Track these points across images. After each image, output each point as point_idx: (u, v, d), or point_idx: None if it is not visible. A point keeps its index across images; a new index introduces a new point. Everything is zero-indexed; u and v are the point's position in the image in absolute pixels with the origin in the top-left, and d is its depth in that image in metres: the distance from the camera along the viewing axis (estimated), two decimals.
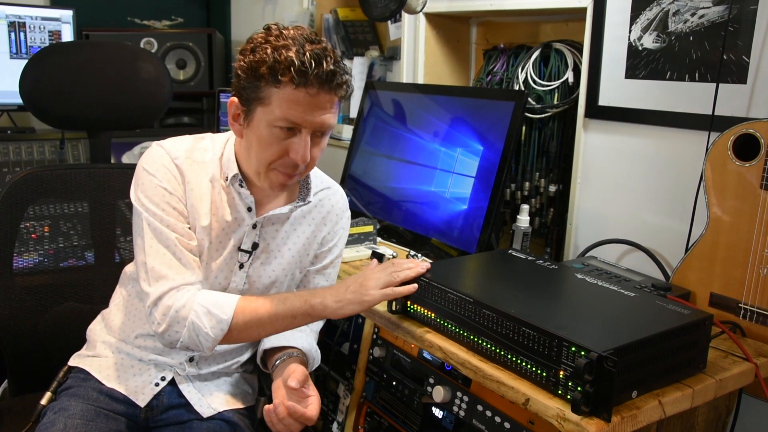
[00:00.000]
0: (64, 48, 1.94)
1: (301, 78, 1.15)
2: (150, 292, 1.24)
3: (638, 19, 1.60)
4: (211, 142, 1.36)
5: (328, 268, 1.47)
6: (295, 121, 1.18)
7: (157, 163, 1.29)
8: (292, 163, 1.23)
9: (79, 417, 1.28)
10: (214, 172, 1.32)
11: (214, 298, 1.25)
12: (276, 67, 1.15)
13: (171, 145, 1.32)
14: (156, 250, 1.26)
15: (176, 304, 1.23)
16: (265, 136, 1.21)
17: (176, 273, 1.26)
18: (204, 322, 1.22)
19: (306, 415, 1.21)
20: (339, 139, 2.54)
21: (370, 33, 2.63)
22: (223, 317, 1.23)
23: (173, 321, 1.22)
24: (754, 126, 1.33)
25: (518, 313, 1.14)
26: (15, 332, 1.56)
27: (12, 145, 2.40)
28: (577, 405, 1.02)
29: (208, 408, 1.37)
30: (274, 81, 1.16)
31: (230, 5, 3.39)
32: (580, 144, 1.76)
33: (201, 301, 1.24)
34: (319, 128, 1.21)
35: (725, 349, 1.29)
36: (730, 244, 1.37)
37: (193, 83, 2.91)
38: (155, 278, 1.25)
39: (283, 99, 1.17)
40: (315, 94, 1.17)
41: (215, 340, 1.23)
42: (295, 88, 1.16)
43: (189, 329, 1.22)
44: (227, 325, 1.23)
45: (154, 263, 1.26)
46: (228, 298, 1.26)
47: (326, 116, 1.21)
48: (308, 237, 1.41)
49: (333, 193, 1.45)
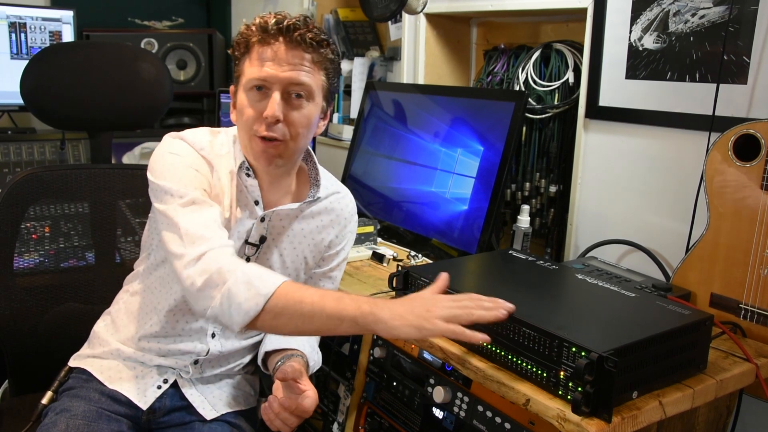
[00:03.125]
0: (65, 48, 1.94)
1: (262, 34, 1.21)
2: (186, 253, 1.14)
3: (639, 19, 1.60)
4: (226, 136, 1.36)
5: (334, 271, 1.47)
6: (261, 77, 1.21)
7: (184, 149, 1.28)
8: (267, 124, 1.23)
9: (81, 418, 1.28)
10: (231, 165, 1.32)
11: (260, 271, 1.14)
12: (245, 33, 1.23)
13: (192, 136, 1.30)
14: (191, 218, 1.18)
15: (218, 264, 1.12)
16: (244, 102, 1.25)
17: (215, 234, 1.17)
18: (241, 291, 1.10)
19: (300, 407, 1.20)
20: (339, 140, 2.54)
21: (371, 33, 2.63)
22: (263, 291, 1.10)
23: (210, 282, 1.12)
24: (754, 126, 1.33)
25: (518, 313, 1.14)
26: (15, 332, 1.56)
27: (12, 146, 2.40)
28: (577, 405, 1.02)
29: (210, 410, 1.37)
30: (246, 47, 1.23)
31: (230, 5, 3.39)
32: (581, 144, 1.76)
33: (245, 269, 1.13)
34: (288, 85, 1.22)
35: (726, 350, 1.29)
36: (731, 244, 1.37)
37: (193, 83, 2.91)
38: (192, 240, 1.15)
39: (251, 60, 1.23)
40: (280, 49, 1.21)
41: (247, 315, 1.10)
42: (261, 45, 1.21)
43: (224, 296, 1.11)
44: (264, 301, 1.10)
45: (188, 226, 1.17)
46: (275, 276, 1.14)
47: (294, 73, 1.21)
48: (315, 238, 1.41)
49: (342, 197, 1.46)
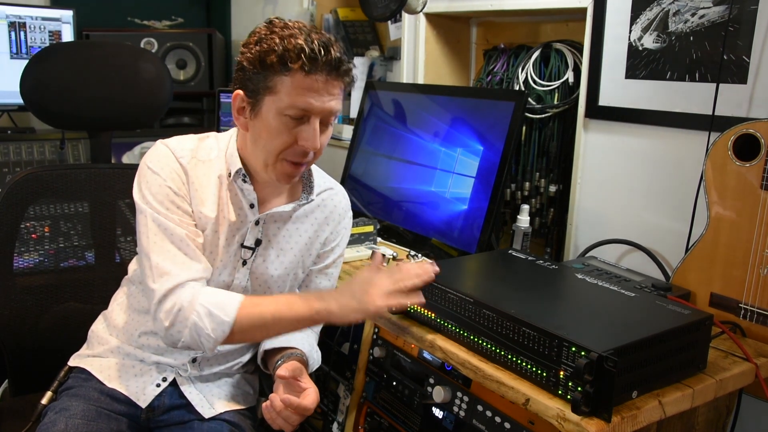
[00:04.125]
0: (65, 48, 1.94)
1: (311, 64, 1.17)
2: (155, 290, 1.23)
3: (638, 19, 1.60)
4: (216, 141, 1.36)
5: (330, 267, 1.47)
6: (305, 107, 1.19)
7: (161, 162, 1.29)
8: (302, 151, 1.23)
9: (80, 417, 1.28)
10: (221, 170, 1.32)
11: (217, 298, 1.23)
12: (286, 55, 1.17)
13: (176, 144, 1.32)
14: (161, 246, 1.25)
15: (179, 303, 1.21)
16: (275, 125, 1.21)
17: (180, 269, 1.24)
18: (206, 324, 1.20)
19: (302, 404, 1.20)
20: (339, 139, 2.54)
21: (371, 33, 2.63)
22: (225, 319, 1.21)
23: (176, 321, 1.21)
24: (754, 126, 1.33)
25: (518, 313, 1.14)
26: (15, 332, 1.56)
27: (12, 145, 2.40)
28: (577, 405, 1.02)
29: (209, 408, 1.37)
30: (284, 69, 1.18)
31: (230, 5, 3.39)
32: (581, 144, 1.76)
33: (203, 301, 1.22)
34: (327, 115, 1.23)
35: (725, 349, 1.29)
36: (731, 244, 1.37)
37: (193, 83, 2.91)
38: (159, 275, 1.24)
39: (293, 86, 1.18)
40: (324, 80, 1.19)
41: (217, 341, 1.22)
42: (306, 75, 1.17)
43: (191, 330, 1.21)
44: (229, 327, 1.21)
45: (158, 260, 1.24)
46: (231, 299, 1.24)
47: (333, 102, 1.22)
48: (310, 236, 1.41)
49: (335, 193, 1.46)
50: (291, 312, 1.24)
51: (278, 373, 1.23)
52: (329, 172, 1.51)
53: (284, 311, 1.24)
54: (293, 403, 1.20)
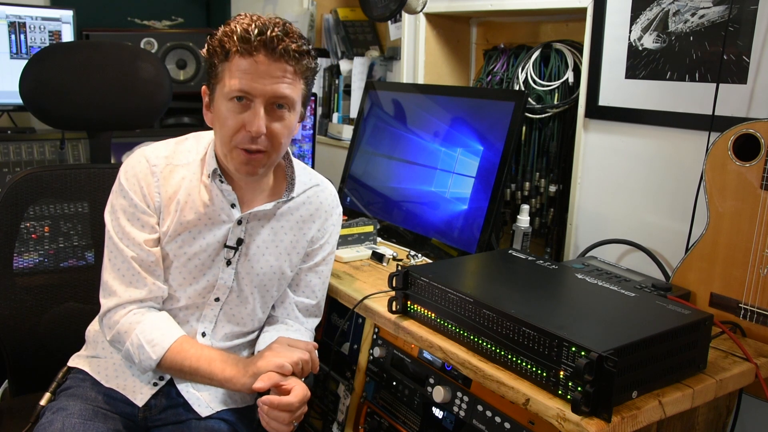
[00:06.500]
0: (64, 48, 1.94)
1: (244, 45, 1.19)
2: (102, 304, 1.32)
3: (638, 19, 1.60)
4: (195, 142, 1.38)
5: (320, 265, 1.47)
6: (243, 89, 1.20)
7: (129, 173, 1.32)
8: (249, 137, 1.23)
9: (77, 416, 1.28)
10: (198, 172, 1.33)
11: (151, 335, 1.28)
12: (223, 40, 1.21)
13: (151, 152, 1.35)
14: (112, 264, 1.32)
15: (119, 326, 1.29)
16: (223, 112, 1.24)
17: (125, 291, 1.30)
18: (136, 353, 1.27)
19: (284, 402, 1.19)
20: (339, 139, 2.54)
21: (371, 33, 2.63)
22: (152, 357, 1.27)
23: (114, 339, 1.31)
24: (754, 126, 1.33)
25: (518, 313, 1.14)
26: (15, 332, 1.56)
27: (12, 145, 2.40)
28: (577, 405, 1.02)
29: (205, 407, 1.37)
30: (225, 56, 1.21)
31: (230, 5, 3.39)
32: (580, 144, 1.76)
33: (139, 331, 1.28)
34: (271, 98, 1.22)
35: (725, 350, 1.29)
36: (731, 244, 1.37)
37: (193, 83, 2.91)
38: (108, 292, 1.32)
39: (232, 69, 1.21)
40: (263, 61, 1.19)
41: (145, 370, 1.30)
42: (242, 56, 1.19)
43: (125, 352, 1.29)
44: (155, 364, 1.27)
45: (107, 277, 1.32)
46: (164, 339, 1.27)
47: (277, 86, 1.21)
48: (296, 234, 1.41)
49: (321, 190, 1.45)
50: (208, 369, 1.27)
51: (254, 387, 1.21)
52: (329, 172, 1.51)
53: (203, 366, 1.27)
54: (274, 402, 1.19)
